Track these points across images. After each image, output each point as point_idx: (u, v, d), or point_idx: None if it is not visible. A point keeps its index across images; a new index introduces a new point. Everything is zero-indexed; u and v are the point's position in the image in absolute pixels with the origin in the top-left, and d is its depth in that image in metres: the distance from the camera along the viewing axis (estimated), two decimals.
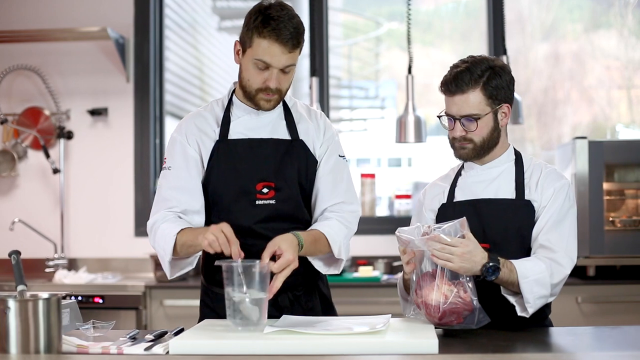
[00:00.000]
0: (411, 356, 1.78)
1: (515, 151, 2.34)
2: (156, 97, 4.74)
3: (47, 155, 4.46)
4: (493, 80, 2.20)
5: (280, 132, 2.32)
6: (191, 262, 2.26)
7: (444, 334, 2.03)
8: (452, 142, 2.28)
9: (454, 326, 2.00)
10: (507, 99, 2.25)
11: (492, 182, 2.28)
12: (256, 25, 2.13)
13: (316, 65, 4.47)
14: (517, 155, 2.33)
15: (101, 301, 3.96)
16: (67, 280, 4.14)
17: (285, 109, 2.35)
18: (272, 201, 2.25)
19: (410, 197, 4.56)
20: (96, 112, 4.64)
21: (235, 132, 2.29)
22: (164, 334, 2.05)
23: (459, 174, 2.37)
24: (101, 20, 4.59)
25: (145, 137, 4.65)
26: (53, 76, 4.67)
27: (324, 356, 1.79)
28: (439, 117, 2.29)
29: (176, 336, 1.97)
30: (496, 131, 2.25)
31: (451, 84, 2.21)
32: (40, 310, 1.81)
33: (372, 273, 4.08)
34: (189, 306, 3.85)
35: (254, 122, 2.31)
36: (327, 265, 2.31)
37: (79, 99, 4.68)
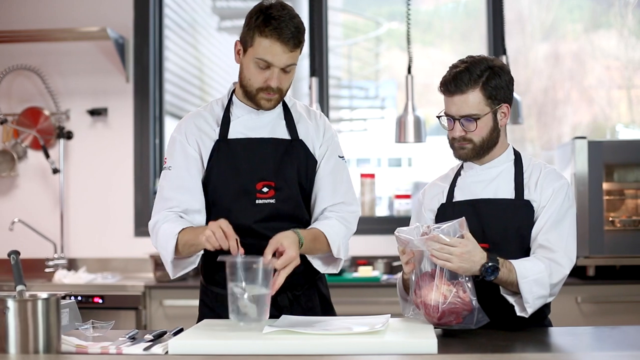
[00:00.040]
0: (410, 356, 1.78)
1: (514, 151, 2.34)
2: (156, 97, 4.74)
3: (47, 156, 4.45)
4: (492, 80, 2.20)
5: (280, 132, 2.32)
6: (193, 262, 2.25)
7: (443, 334, 2.02)
8: (451, 142, 2.28)
9: (453, 326, 2.00)
10: (507, 99, 2.25)
11: (492, 182, 2.28)
12: (258, 24, 2.14)
13: (316, 65, 4.47)
14: (517, 155, 2.32)
15: (101, 301, 3.96)
16: (67, 280, 4.15)
17: (284, 109, 2.36)
18: (272, 200, 2.25)
19: (410, 197, 4.56)
20: (96, 112, 4.64)
21: (235, 132, 2.29)
22: (163, 334, 2.05)
23: (458, 174, 2.37)
24: (101, 20, 4.59)
25: (145, 137, 4.65)
26: (53, 76, 4.67)
27: (323, 356, 1.79)
28: (439, 117, 2.28)
29: (175, 336, 1.97)
30: (495, 131, 2.25)
31: (450, 84, 2.21)
32: (39, 310, 1.81)
33: (372, 273, 4.08)
34: (188, 306, 3.85)
35: (253, 121, 2.31)
36: (325, 265, 2.31)
37: (78, 99, 4.68)
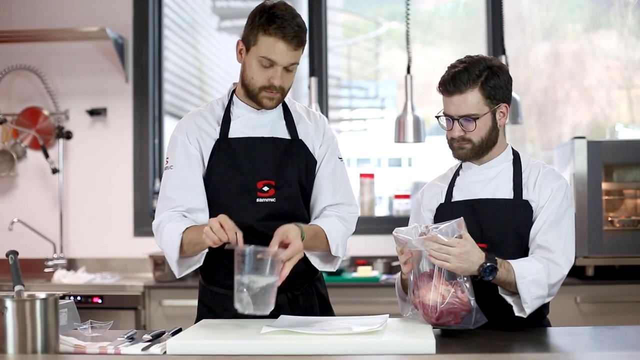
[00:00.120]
0: (408, 356, 1.78)
1: (513, 151, 2.33)
2: (155, 97, 4.74)
3: (46, 155, 4.45)
4: (491, 80, 2.20)
5: (280, 132, 2.33)
6: (199, 260, 2.25)
7: (441, 334, 2.02)
8: (450, 142, 2.28)
9: (452, 326, 2.00)
10: (505, 99, 2.25)
11: (490, 182, 2.28)
12: (261, 23, 2.16)
13: (315, 65, 4.47)
14: (515, 155, 2.32)
15: (100, 301, 3.96)
16: (66, 280, 4.15)
17: (284, 109, 2.37)
18: (272, 199, 2.26)
19: (409, 197, 4.56)
20: (95, 112, 4.64)
21: (235, 131, 2.30)
22: (161, 334, 2.05)
23: (457, 174, 2.37)
24: (100, 20, 4.59)
25: (144, 137, 4.65)
26: (52, 76, 4.67)
27: (321, 356, 1.79)
28: (437, 117, 2.28)
29: (174, 336, 1.97)
30: (494, 131, 2.25)
31: (449, 84, 2.21)
32: (37, 310, 1.81)
33: (371, 273, 4.08)
34: (187, 306, 3.85)
35: (254, 121, 2.32)
36: (323, 262, 2.32)
37: (78, 99, 4.68)
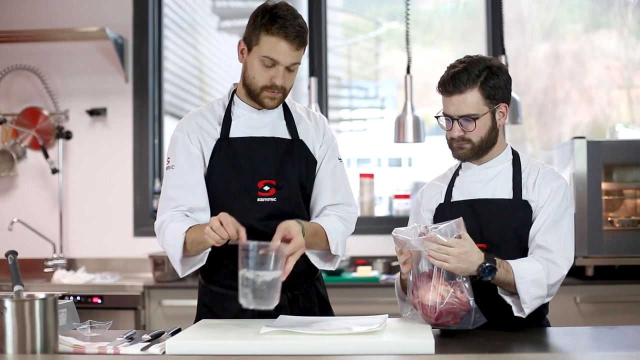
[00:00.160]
0: (407, 356, 1.78)
1: (512, 151, 2.33)
2: (155, 97, 4.74)
3: (46, 156, 4.45)
4: (490, 80, 2.20)
5: (280, 132, 2.33)
6: (202, 259, 2.24)
7: (440, 334, 2.02)
8: (450, 143, 2.28)
9: (451, 326, 2.00)
10: (505, 99, 2.24)
11: (490, 182, 2.28)
12: (264, 23, 2.17)
13: (315, 65, 4.47)
14: (515, 155, 2.32)
15: (100, 301, 3.96)
16: (66, 280, 4.15)
17: (285, 109, 2.37)
18: (273, 199, 2.26)
19: (409, 197, 4.56)
20: (95, 112, 4.65)
21: (236, 131, 2.31)
22: (161, 334, 2.05)
23: (456, 174, 2.37)
24: (100, 20, 4.59)
25: (144, 137, 4.65)
26: (52, 76, 4.67)
27: (320, 356, 1.79)
28: (437, 117, 2.28)
29: (173, 336, 1.97)
30: (494, 131, 2.24)
31: (449, 84, 2.21)
32: (36, 311, 1.81)
33: (371, 273, 4.08)
34: (187, 306, 3.84)
35: (255, 121, 2.32)
36: (322, 261, 2.32)
37: (77, 99, 4.68)
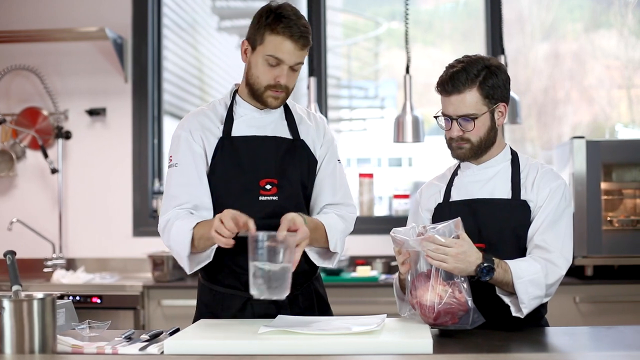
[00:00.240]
0: (406, 356, 1.78)
1: (511, 151, 2.33)
2: (154, 97, 4.75)
3: (46, 155, 4.46)
4: (489, 80, 2.20)
5: (282, 132, 2.35)
6: (209, 256, 2.24)
7: (439, 334, 2.02)
8: (449, 142, 2.28)
9: (449, 326, 2.00)
10: (504, 98, 2.24)
11: (488, 181, 2.28)
12: (269, 22, 2.19)
13: (314, 65, 4.47)
14: (514, 155, 2.32)
15: (99, 301, 3.96)
16: (65, 280, 4.15)
17: (286, 110, 2.39)
18: (274, 197, 2.27)
19: (408, 197, 4.55)
20: (94, 112, 4.65)
21: (238, 130, 2.32)
22: (159, 334, 2.05)
23: (455, 174, 2.36)
24: (99, 20, 4.59)
25: (144, 137, 4.65)
26: (51, 76, 4.67)
27: (319, 356, 1.79)
28: (436, 117, 2.28)
29: (171, 336, 1.97)
30: (493, 130, 2.24)
31: (447, 84, 2.21)
32: (34, 311, 1.81)
33: (370, 273, 4.07)
34: (186, 306, 3.84)
35: (257, 120, 2.33)
36: (321, 258, 2.33)
37: (77, 99, 4.68)
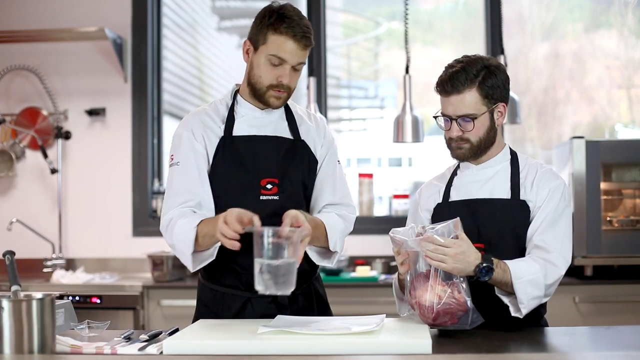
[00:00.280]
0: (405, 356, 1.78)
1: (510, 151, 2.33)
2: (154, 97, 4.75)
3: (45, 156, 4.46)
4: (489, 80, 2.20)
5: (283, 132, 2.36)
6: (212, 254, 2.24)
7: (438, 334, 2.02)
8: (448, 143, 2.28)
9: (448, 326, 2.00)
10: (503, 98, 2.24)
11: (488, 181, 2.27)
12: (271, 22, 2.20)
13: (313, 65, 4.47)
14: (513, 155, 2.32)
15: (99, 301, 3.96)
16: (65, 280, 4.15)
17: (286, 110, 2.40)
18: (275, 197, 2.28)
19: (408, 197, 4.55)
20: (94, 112, 4.65)
21: (239, 130, 2.32)
22: (158, 334, 2.05)
23: (454, 174, 2.36)
24: (99, 20, 4.59)
25: (143, 137, 4.65)
26: (51, 76, 4.68)
27: (318, 356, 1.79)
28: (435, 117, 2.28)
29: (170, 336, 1.97)
30: (492, 130, 2.24)
31: (447, 84, 2.21)
32: (33, 311, 1.81)
33: (370, 273, 4.07)
34: (186, 306, 3.85)
35: (258, 120, 2.34)
36: (321, 257, 2.33)
37: (76, 99, 4.68)
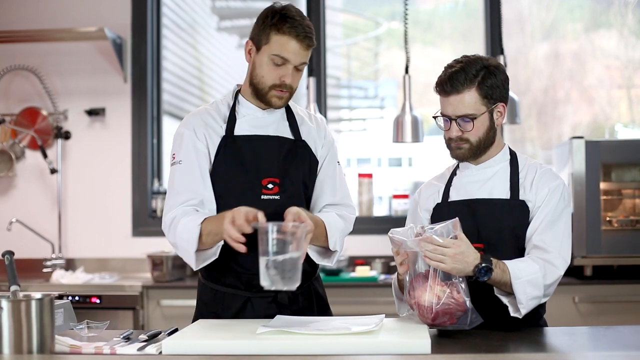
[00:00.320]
0: (404, 356, 1.78)
1: (510, 151, 2.33)
2: (153, 97, 4.74)
3: (45, 156, 4.45)
4: (488, 80, 2.20)
5: (284, 132, 2.36)
6: (215, 253, 2.23)
7: (437, 334, 2.02)
8: (448, 143, 2.28)
9: (447, 327, 2.00)
10: (502, 98, 2.24)
11: (487, 182, 2.27)
12: (274, 22, 2.21)
13: (313, 65, 4.47)
14: (512, 155, 2.32)
15: (98, 301, 3.96)
16: (65, 280, 4.15)
17: (287, 111, 2.41)
18: (277, 197, 2.28)
19: (408, 197, 4.55)
20: (94, 112, 4.65)
21: (241, 129, 2.33)
22: (158, 334, 2.05)
23: (454, 174, 2.36)
24: (99, 20, 4.59)
25: (143, 137, 4.65)
26: (50, 76, 4.67)
27: (317, 356, 1.79)
28: (435, 117, 2.28)
29: (169, 336, 1.97)
30: (492, 130, 2.24)
31: (446, 84, 2.21)
32: (33, 311, 1.81)
33: (370, 273, 4.08)
34: (186, 306, 3.85)
35: (259, 120, 2.35)
36: (321, 256, 2.33)
37: (76, 99, 4.68)
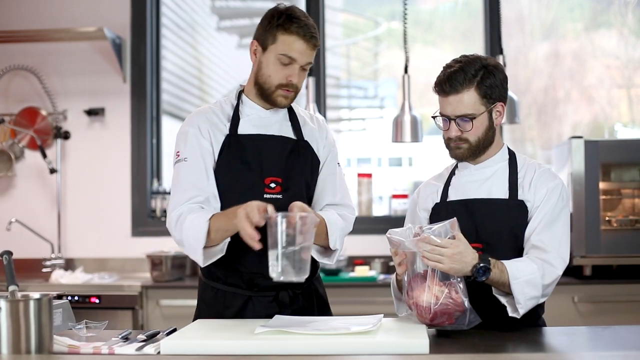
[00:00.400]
0: (402, 356, 1.78)
1: (509, 150, 2.33)
2: (153, 97, 4.74)
3: (44, 156, 4.46)
4: (487, 80, 2.20)
5: (286, 132, 2.38)
6: (222, 249, 2.23)
7: (436, 334, 2.02)
8: (447, 143, 2.28)
9: (446, 327, 2.00)
10: (502, 98, 2.24)
11: (486, 181, 2.27)
12: (280, 23, 2.23)
13: (313, 64, 4.46)
14: (511, 154, 2.32)
15: (98, 301, 3.96)
16: (64, 280, 4.14)
17: (289, 111, 2.42)
18: (279, 196, 2.29)
19: (407, 197, 4.55)
20: (93, 112, 4.65)
21: (244, 129, 2.34)
22: (156, 334, 2.05)
23: (452, 174, 2.36)
24: (98, 20, 4.59)
25: (142, 137, 4.65)
26: (50, 76, 4.67)
27: (316, 356, 1.79)
28: (434, 117, 2.28)
29: (168, 336, 1.97)
30: (491, 130, 2.24)
31: (445, 84, 2.21)
32: (31, 311, 1.80)
33: (369, 273, 4.08)
34: (185, 306, 3.85)
35: (263, 120, 2.36)
36: (321, 255, 2.33)
37: (75, 99, 4.68)
